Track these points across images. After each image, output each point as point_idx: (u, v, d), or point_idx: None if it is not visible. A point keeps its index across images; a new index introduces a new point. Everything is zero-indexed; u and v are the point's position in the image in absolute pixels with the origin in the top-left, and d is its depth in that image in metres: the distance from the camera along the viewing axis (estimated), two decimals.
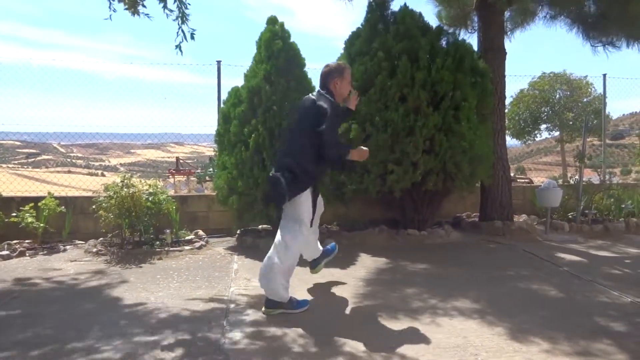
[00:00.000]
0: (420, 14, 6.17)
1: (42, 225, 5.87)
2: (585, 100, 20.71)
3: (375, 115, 5.63)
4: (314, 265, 4.20)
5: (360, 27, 6.27)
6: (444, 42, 6.20)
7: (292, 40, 5.89)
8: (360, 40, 6.11)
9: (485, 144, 6.06)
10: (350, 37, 6.32)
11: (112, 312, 3.60)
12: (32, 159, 61.47)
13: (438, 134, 5.64)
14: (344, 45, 6.37)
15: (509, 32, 7.86)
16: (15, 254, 5.46)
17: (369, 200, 6.19)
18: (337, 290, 4.13)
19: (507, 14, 7.29)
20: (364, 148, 3.73)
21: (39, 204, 5.91)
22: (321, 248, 4.20)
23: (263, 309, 3.55)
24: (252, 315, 3.52)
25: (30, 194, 7.48)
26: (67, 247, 5.87)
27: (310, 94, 3.78)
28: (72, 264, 5.13)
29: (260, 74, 5.69)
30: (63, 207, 6.07)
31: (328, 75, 3.71)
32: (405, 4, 6.16)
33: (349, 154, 3.62)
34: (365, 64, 5.83)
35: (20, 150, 63.80)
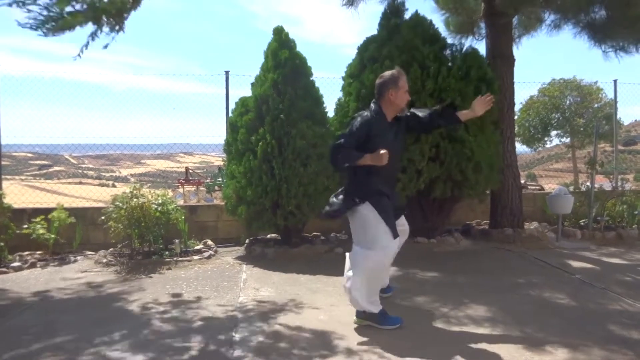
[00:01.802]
0: (430, 21, 6.19)
1: (53, 236, 5.91)
2: (596, 106, 20.54)
3: None
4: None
5: (376, 32, 6.28)
6: (450, 50, 6.21)
7: (298, 49, 5.94)
8: (374, 47, 6.10)
9: (491, 151, 6.02)
10: (364, 43, 6.30)
11: (122, 322, 3.60)
12: (44, 171, 62.10)
13: (443, 141, 5.65)
14: (356, 51, 6.37)
15: (517, 39, 7.84)
16: (26, 265, 5.50)
17: None
18: (346, 299, 4.09)
19: (514, 20, 7.27)
20: (382, 152, 3.29)
21: (50, 215, 5.96)
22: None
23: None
24: (261, 325, 3.51)
25: (42, 206, 7.55)
26: (78, 258, 5.90)
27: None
28: (83, 274, 5.16)
29: (268, 83, 5.73)
30: (73, 218, 6.12)
31: (383, 86, 3.53)
32: (416, 11, 6.20)
33: (359, 160, 3.34)
34: (375, 72, 5.83)
35: (32, 162, 64.50)
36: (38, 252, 5.93)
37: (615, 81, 9.33)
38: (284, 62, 5.74)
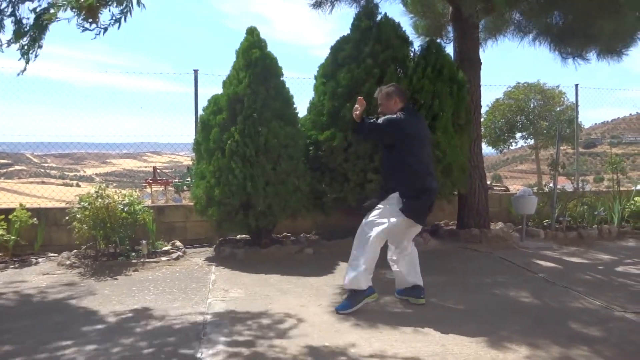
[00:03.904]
0: (399, 24, 6.26)
1: (13, 237, 5.71)
2: (558, 109, 21.20)
3: None
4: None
5: (350, 33, 6.29)
6: (425, 53, 6.29)
7: (269, 49, 5.91)
8: (350, 46, 6.10)
9: (460, 153, 6.12)
10: (338, 43, 6.27)
11: (85, 326, 3.51)
12: (4, 170, 59.97)
13: None
14: (329, 51, 6.36)
15: (483, 43, 8.00)
16: None
17: (349, 209, 6.20)
18: (315, 300, 4.10)
19: (480, 24, 7.42)
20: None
21: (10, 216, 5.76)
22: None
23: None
24: (230, 327, 3.47)
25: (1, 206, 7.28)
26: (40, 260, 5.72)
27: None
28: (45, 277, 5.00)
29: (244, 82, 5.67)
30: (35, 219, 5.93)
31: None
32: (385, 13, 6.25)
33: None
34: (352, 71, 5.85)
35: None
36: None
37: (576, 85, 9.63)
38: (255, 61, 5.70)
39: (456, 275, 4.95)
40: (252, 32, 5.92)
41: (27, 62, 3.98)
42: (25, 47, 3.91)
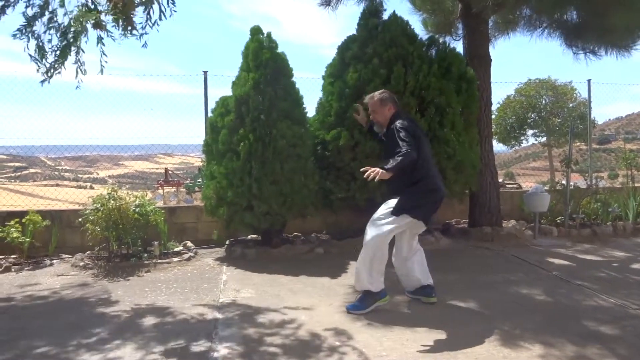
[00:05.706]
0: (407, 22, 6.23)
1: (27, 240, 5.78)
2: (570, 105, 20.95)
3: None
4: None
5: (355, 32, 6.29)
6: (432, 50, 6.27)
7: (279, 50, 5.90)
8: (357, 45, 6.10)
9: (471, 150, 6.08)
10: (345, 42, 6.28)
11: (99, 326, 3.54)
12: (20, 173, 60.78)
13: None
14: (337, 50, 6.37)
15: (493, 39, 7.94)
16: (0, 269, 5.37)
17: (358, 208, 6.19)
18: (326, 299, 4.10)
19: (490, 21, 7.37)
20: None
21: (24, 219, 5.83)
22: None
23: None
24: (241, 326, 3.49)
25: (17, 209, 7.38)
26: (54, 261, 5.79)
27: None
28: (59, 278, 5.06)
29: (249, 83, 5.68)
30: (49, 220, 5.99)
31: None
32: (394, 11, 6.23)
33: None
34: (359, 72, 5.85)
35: (7, 164, 63.04)
36: (12, 256, 5.80)
37: (589, 81, 9.50)
38: (266, 62, 5.70)
39: (468, 274, 4.92)
40: (258, 31, 5.89)
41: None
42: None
